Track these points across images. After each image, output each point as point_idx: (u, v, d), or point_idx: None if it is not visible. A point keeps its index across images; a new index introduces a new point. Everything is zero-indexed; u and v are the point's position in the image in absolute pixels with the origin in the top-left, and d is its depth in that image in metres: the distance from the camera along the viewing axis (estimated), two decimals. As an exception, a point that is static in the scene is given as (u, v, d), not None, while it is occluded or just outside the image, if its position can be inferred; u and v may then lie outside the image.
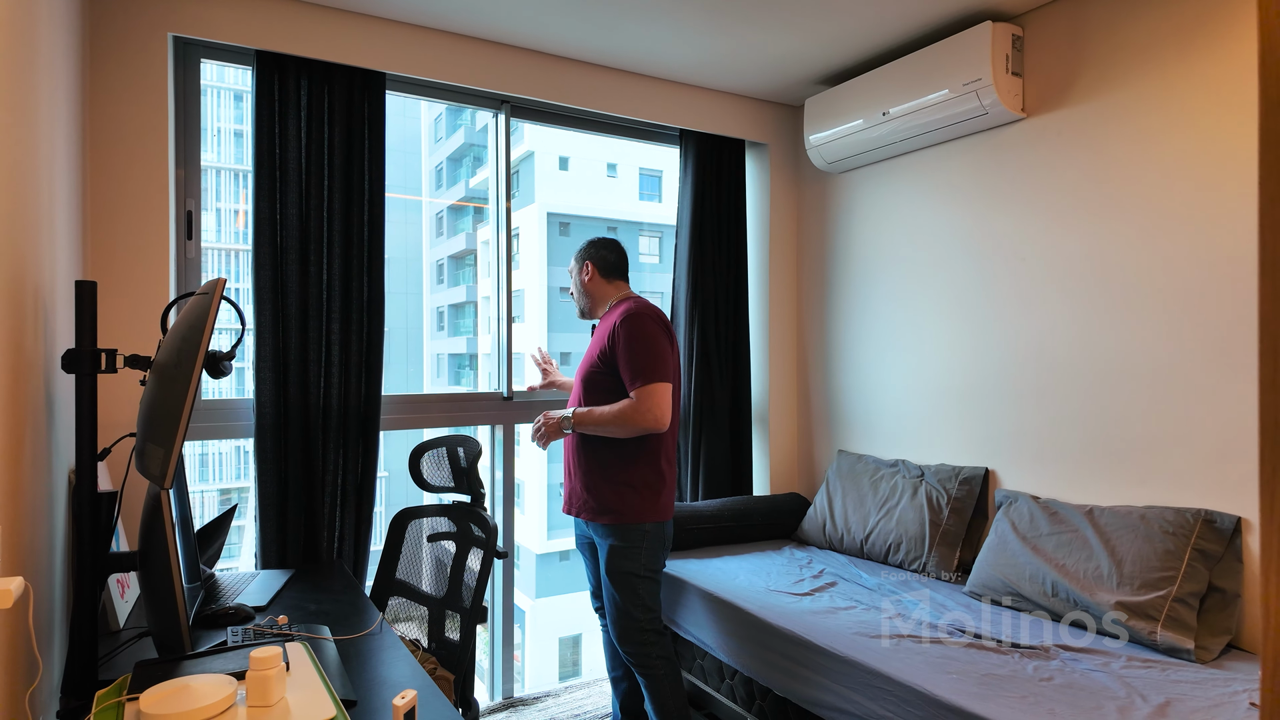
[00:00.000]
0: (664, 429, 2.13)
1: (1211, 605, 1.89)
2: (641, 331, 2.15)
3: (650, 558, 2.20)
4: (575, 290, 2.42)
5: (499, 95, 2.72)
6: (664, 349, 2.16)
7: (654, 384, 2.11)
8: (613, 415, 2.13)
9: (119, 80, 2.12)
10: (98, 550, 1.29)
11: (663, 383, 2.11)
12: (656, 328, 2.17)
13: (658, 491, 2.20)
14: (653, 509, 2.19)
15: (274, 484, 2.27)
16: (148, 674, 1.19)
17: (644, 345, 2.13)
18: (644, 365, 2.12)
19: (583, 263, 2.37)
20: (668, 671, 2.21)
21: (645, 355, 2.13)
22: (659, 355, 2.14)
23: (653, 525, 2.20)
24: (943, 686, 1.64)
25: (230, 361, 1.55)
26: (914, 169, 2.83)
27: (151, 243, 2.16)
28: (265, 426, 2.26)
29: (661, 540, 2.23)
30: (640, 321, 2.16)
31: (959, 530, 2.50)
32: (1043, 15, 2.40)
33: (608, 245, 2.39)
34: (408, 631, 2.08)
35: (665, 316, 2.25)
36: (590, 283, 2.37)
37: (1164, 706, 1.56)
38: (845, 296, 3.15)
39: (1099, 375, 2.25)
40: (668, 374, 2.14)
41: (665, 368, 2.13)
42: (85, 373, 1.26)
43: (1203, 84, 2.01)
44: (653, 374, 2.11)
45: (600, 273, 2.36)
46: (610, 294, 2.35)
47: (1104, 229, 2.24)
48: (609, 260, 2.36)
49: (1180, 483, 2.06)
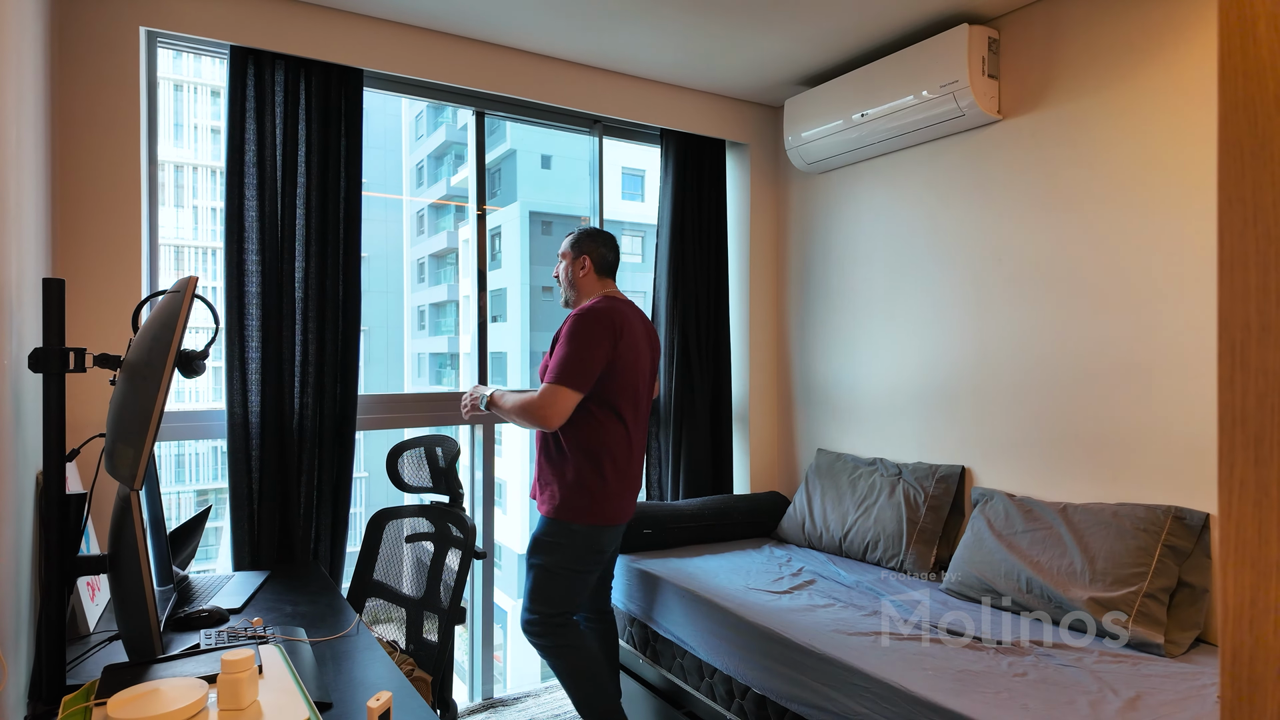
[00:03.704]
0: (550, 429, 2.12)
1: (1181, 600, 1.93)
2: (581, 332, 2.12)
3: (571, 558, 2.18)
4: (564, 281, 2.37)
5: (477, 93, 2.70)
6: (595, 355, 2.12)
7: (562, 387, 2.09)
8: (515, 404, 2.17)
9: (88, 74, 2.08)
10: (66, 552, 1.27)
11: (570, 390, 2.09)
12: (600, 332, 2.13)
13: (595, 495, 2.16)
14: (586, 511, 2.15)
15: (245, 485, 2.24)
16: (117, 678, 1.17)
17: (575, 346, 2.11)
18: (564, 366, 2.10)
19: (580, 257, 2.32)
20: (570, 664, 2.20)
21: (570, 357, 2.11)
22: (584, 361, 2.10)
23: (583, 528, 2.16)
24: (918, 683, 1.66)
25: (204, 361, 1.53)
26: (892, 170, 2.85)
27: (122, 240, 2.13)
28: (236, 426, 2.23)
29: (591, 545, 2.19)
30: (586, 323, 2.13)
31: (936, 528, 2.52)
32: (1018, 18, 2.43)
33: (608, 243, 2.35)
34: (386, 633, 2.06)
35: (626, 321, 2.19)
36: (584, 278, 2.32)
37: (1134, 700, 1.59)
38: (824, 296, 3.16)
39: (1073, 374, 2.28)
40: (582, 381, 2.10)
41: (583, 374, 2.10)
42: (53, 372, 1.24)
43: (1172, 86, 2.05)
44: (566, 377, 2.09)
45: (596, 270, 2.32)
46: (596, 290, 2.32)
47: (1077, 229, 2.27)
48: (607, 260, 2.34)
49: (1151, 480, 2.09)
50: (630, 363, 2.19)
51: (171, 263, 8.68)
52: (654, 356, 2.36)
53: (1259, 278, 0.44)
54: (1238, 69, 0.45)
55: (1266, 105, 0.44)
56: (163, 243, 2.29)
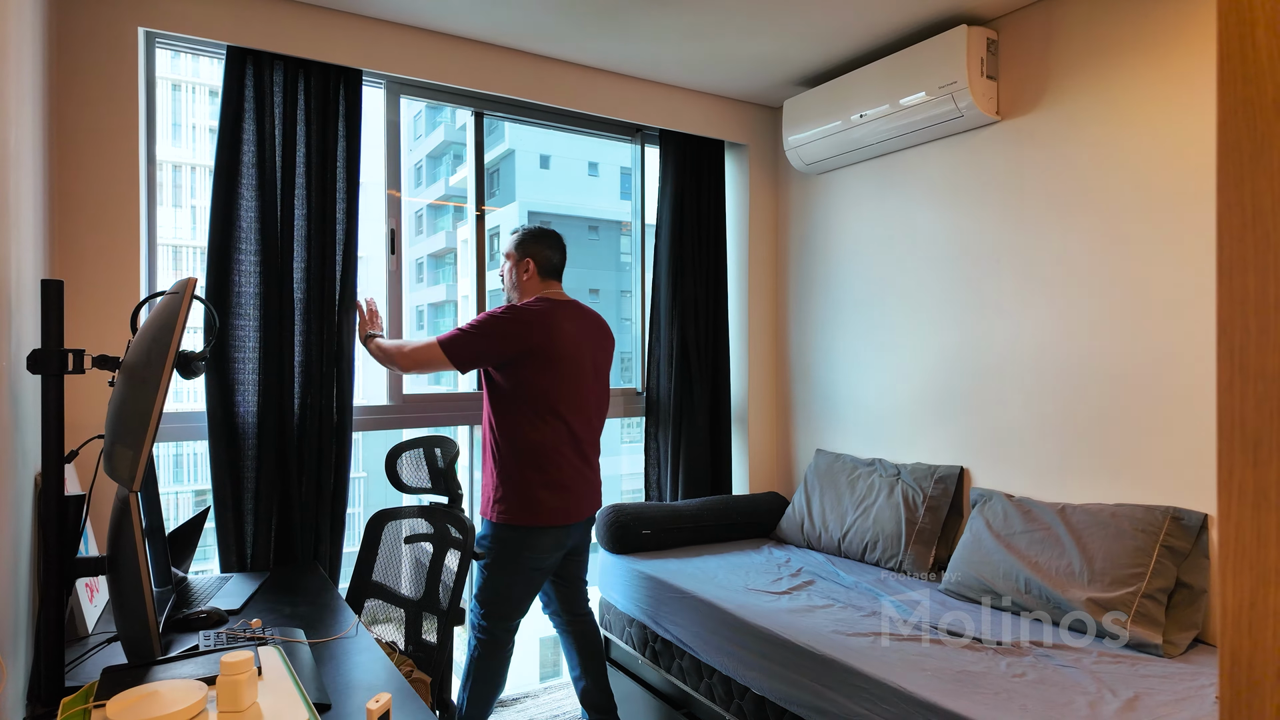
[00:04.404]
0: (400, 371, 2.23)
1: (1179, 601, 1.93)
2: (491, 321, 2.14)
3: (504, 560, 2.16)
4: (507, 282, 2.35)
5: (475, 93, 2.70)
6: (486, 345, 2.12)
7: (438, 349, 2.13)
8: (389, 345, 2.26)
9: (87, 74, 2.08)
10: (65, 554, 1.27)
11: (444, 356, 2.13)
12: (509, 330, 2.12)
13: (528, 496, 2.13)
14: (517, 512, 2.13)
15: (230, 486, 2.23)
16: (115, 680, 1.17)
17: (477, 329, 2.13)
18: (455, 335, 2.14)
19: (524, 259, 2.29)
20: (484, 668, 2.20)
21: (466, 332, 2.14)
22: (473, 342, 2.12)
23: (511, 531, 2.14)
24: (918, 683, 1.66)
25: (203, 362, 1.53)
26: (891, 171, 2.86)
27: (121, 240, 2.12)
28: (215, 425, 2.20)
29: (522, 547, 2.15)
30: (501, 318, 2.15)
31: (934, 529, 2.53)
32: (1017, 19, 2.43)
33: (553, 245, 2.32)
34: (385, 634, 2.06)
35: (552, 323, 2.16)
36: (527, 281, 2.30)
37: (1133, 701, 1.59)
38: (823, 297, 3.17)
39: (1072, 375, 2.29)
40: (460, 358, 2.13)
41: (464, 351, 2.12)
42: (52, 373, 1.24)
43: (1171, 87, 2.05)
44: (450, 345, 2.13)
45: (540, 273, 2.30)
46: (538, 292, 2.29)
47: (1077, 231, 2.27)
48: (552, 262, 2.31)
49: (1150, 481, 2.10)
50: (568, 363, 2.17)
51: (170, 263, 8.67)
52: (602, 356, 2.33)
53: (1258, 281, 0.44)
54: (1236, 72, 0.46)
55: (1265, 109, 0.44)
56: (161, 243, 2.29)
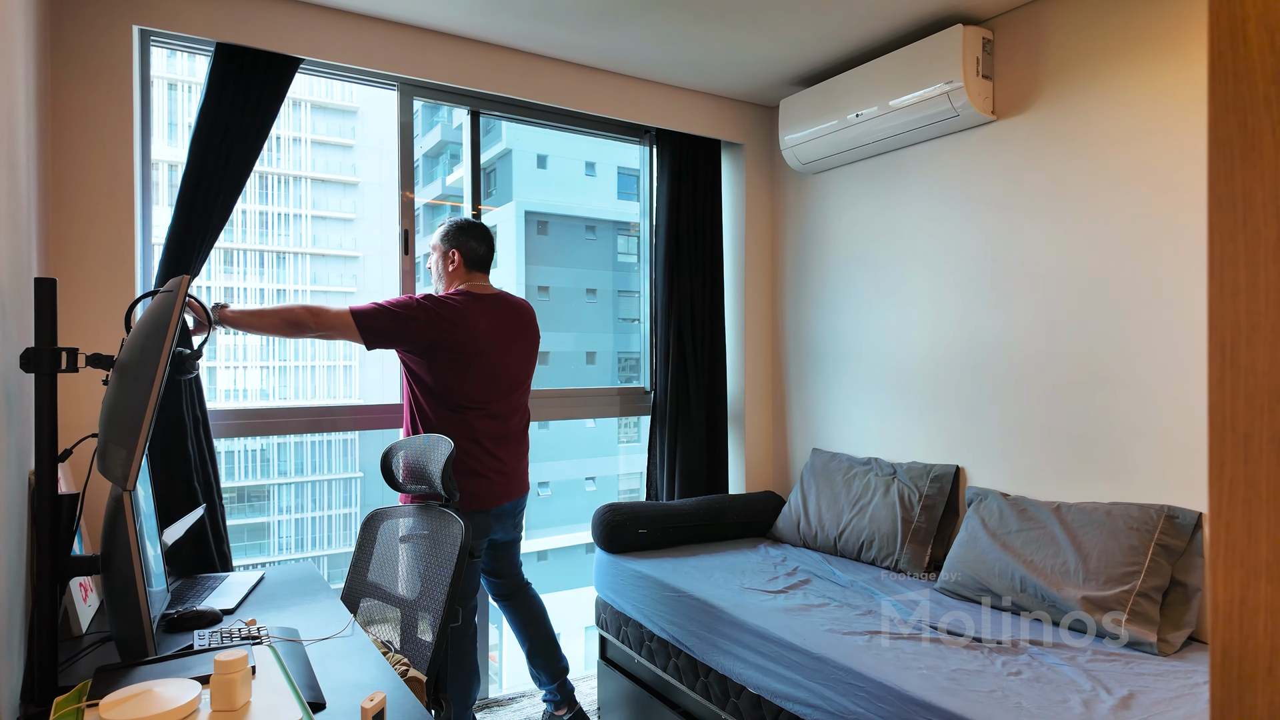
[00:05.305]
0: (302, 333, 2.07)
1: (1173, 599, 1.94)
2: (407, 299, 2.15)
3: None
4: (434, 274, 2.37)
5: (471, 92, 2.70)
6: (397, 323, 2.12)
7: (353, 321, 2.08)
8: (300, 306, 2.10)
9: (82, 73, 2.07)
10: (58, 553, 1.26)
11: (356, 327, 2.08)
12: (421, 309, 2.14)
13: (469, 481, 2.18)
14: (466, 497, 2.17)
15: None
16: (109, 679, 1.17)
17: (392, 304, 2.13)
18: (374, 311, 2.11)
19: (450, 250, 2.31)
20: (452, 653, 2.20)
21: (381, 307, 2.12)
22: (388, 317, 2.11)
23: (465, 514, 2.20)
24: (913, 683, 1.66)
25: (197, 361, 1.53)
26: (887, 170, 2.86)
27: (115, 239, 2.12)
28: None
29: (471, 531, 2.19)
30: (419, 299, 2.15)
31: (930, 528, 2.53)
32: (1012, 19, 2.43)
33: (479, 236, 2.32)
34: (380, 633, 2.05)
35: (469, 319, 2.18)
36: (452, 273, 2.31)
37: (1127, 699, 1.59)
38: (820, 295, 3.17)
39: (1067, 374, 2.29)
40: (371, 333, 2.10)
41: (374, 324, 2.10)
42: (45, 372, 1.24)
43: (1165, 86, 2.06)
44: (363, 315, 2.09)
45: (466, 264, 2.31)
46: (462, 283, 2.30)
47: (1071, 230, 2.28)
48: (477, 254, 2.31)
49: (1145, 480, 2.10)
50: (481, 358, 2.19)
51: (165, 262, 8.61)
52: (522, 348, 2.34)
53: (1248, 277, 0.44)
54: (1228, 69, 0.46)
55: (1256, 106, 0.44)
56: (156, 242, 2.28)
